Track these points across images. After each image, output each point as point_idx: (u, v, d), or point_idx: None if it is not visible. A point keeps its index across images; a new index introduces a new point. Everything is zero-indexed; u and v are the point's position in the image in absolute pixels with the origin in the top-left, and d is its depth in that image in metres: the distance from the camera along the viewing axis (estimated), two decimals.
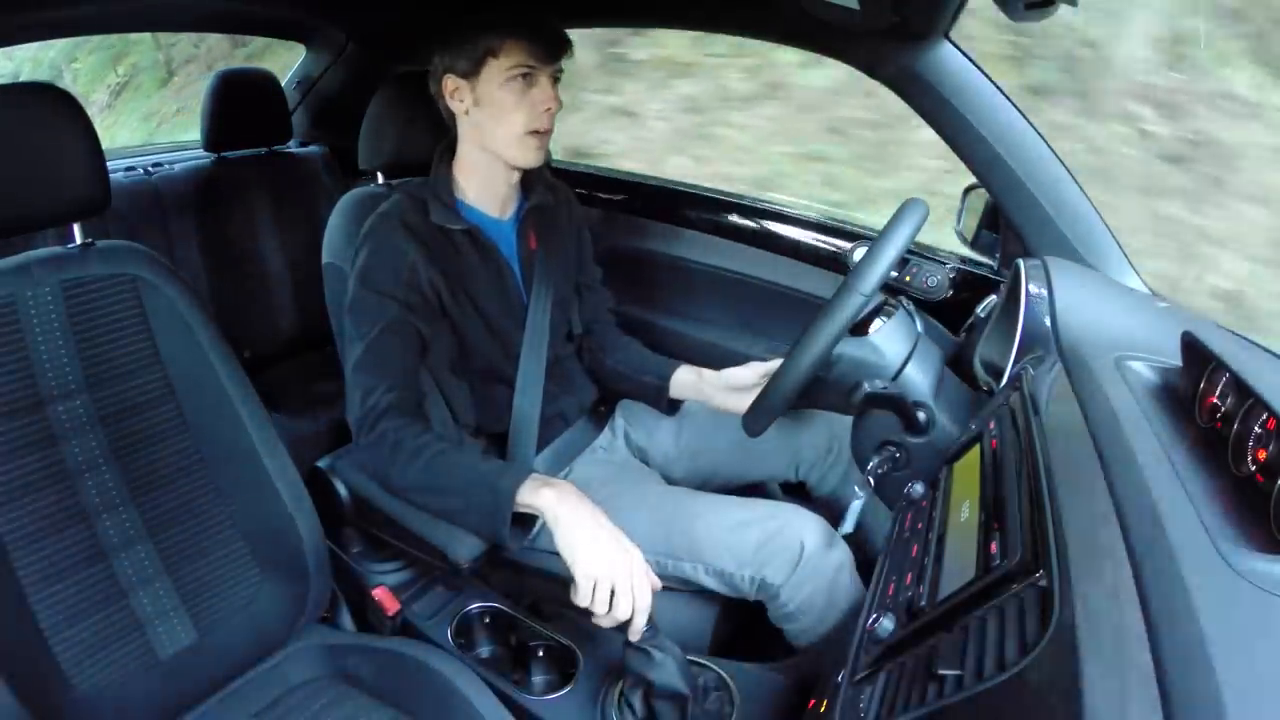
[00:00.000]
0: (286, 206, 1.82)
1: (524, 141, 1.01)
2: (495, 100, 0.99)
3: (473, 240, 1.04)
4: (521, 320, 1.09)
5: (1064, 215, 1.04)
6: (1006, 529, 0.55)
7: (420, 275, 0.98)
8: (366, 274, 0.98)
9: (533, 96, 0.99)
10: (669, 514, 1.01)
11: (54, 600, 0.80)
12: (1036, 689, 0.41)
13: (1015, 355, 0.88)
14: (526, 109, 0.99)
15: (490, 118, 1.00)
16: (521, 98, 0.98)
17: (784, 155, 3.53)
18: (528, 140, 1.01)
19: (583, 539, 0.80)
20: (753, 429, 0.94)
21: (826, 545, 0.95)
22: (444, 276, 1.01)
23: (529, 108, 0.99)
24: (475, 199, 1.07)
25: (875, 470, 0.94)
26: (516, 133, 1.00)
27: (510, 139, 1.00)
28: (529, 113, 0.99)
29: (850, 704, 0.57)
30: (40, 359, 0.81)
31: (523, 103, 0.98)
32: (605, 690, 0.89)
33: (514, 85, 0.98)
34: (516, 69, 0.97)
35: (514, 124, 0.99)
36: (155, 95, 7.03)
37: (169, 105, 6.77)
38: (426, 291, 0.99)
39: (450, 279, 1.01)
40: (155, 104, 6.94)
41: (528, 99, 0.98)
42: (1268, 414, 0.53)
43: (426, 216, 1.01)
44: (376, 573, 1.15)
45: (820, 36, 1.16)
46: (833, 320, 0.86)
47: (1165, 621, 0.41)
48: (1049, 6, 0.77)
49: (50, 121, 0.80)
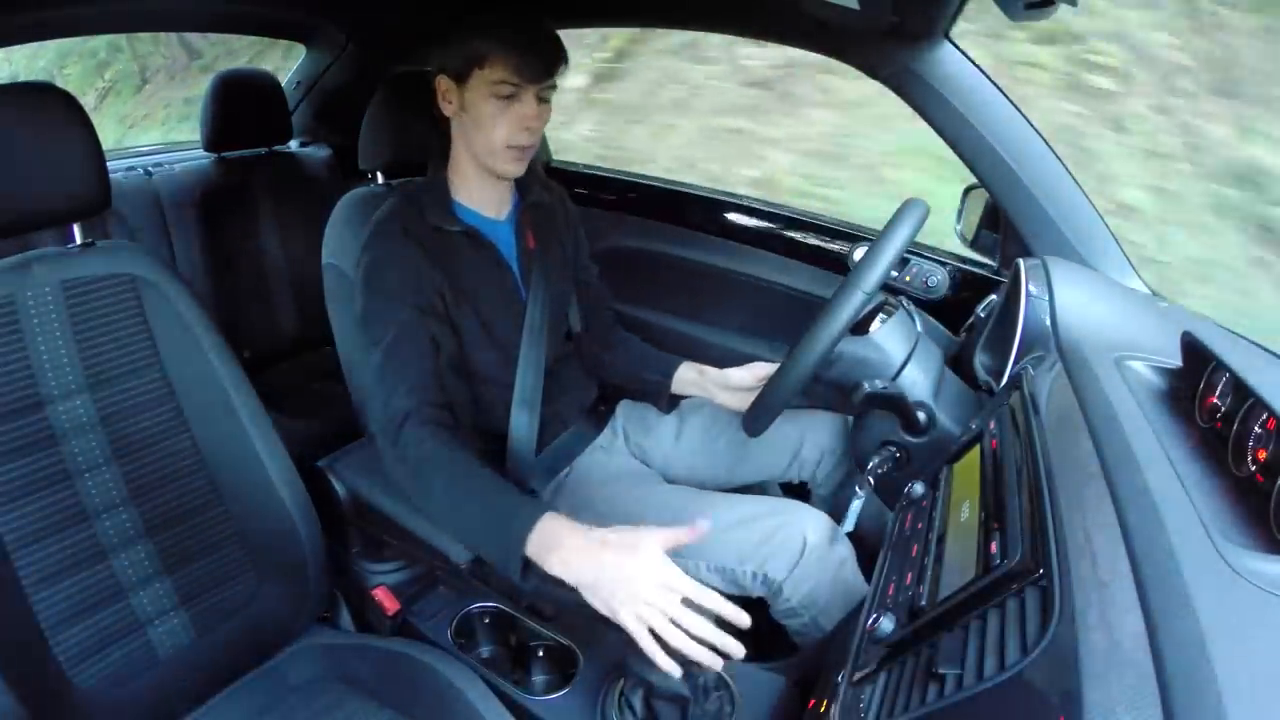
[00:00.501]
0: (286, 206, 1.82)
1: (504, 154, 0.99)
2: (478, 110, 0.97)
3: (471, 241, 1.04)
4: (521, 320, 1.08)
5: (1064, 215, 1.04)
6: (1006, 529, 0.55)
7: (425, 277, 0.98)
8: (372, 281, 0.97)
9: (514, 112, 0.96)
10: (670, 512, 1.01)
11: (54, 600, 0.80)
12: (1036, 689, 0.41)
13: (1015, 355, 0.88)
14: (507, 124, 0.96)
15: (473, 125, 0.98)
16: (503, 113, 0.96)
17: None
18: (507, 153, 0.99)
19: (612, 593, 0.73)
20: (753, 429, 0.94)
21: (829, 540, 0.95)
22: (445, 277, 1.00)
23: (510, 123, 0.96)
24: (470, 200, 1.06)
25: (875, 470, 0.94)
26: (496, 145, 0.98)
27: (490, 150, 0.99)
28: (509, 128, 0.97)
29: (850, 704, 0.57)
30: (40, 359, 0.81)
31: (503, 118, 0.96)
32: (605, 690, 0.89)
33: (496, 101, 0.95)
34: (501, 84, 0.94)
35: (494, 137, 0.97)
36: (131, 100, 7.64)
37: (140, 110, 7.43)
38: (431, 293, 0.98)
39: (451, 280, 1.01)
40: (130, 108, 7.53)
41: (509, 114, 0.96)
42: (1268, 414, 0.53)
43: (424, 219, 1.00)
44: (376, 573, 1.15)
45: (820, 36, 1.16)
46: (835, 318, 0.86)
47: (1165, 621, 0.41)
48: (1049, 6, 0.78)
49: (50, 121, 0.80)
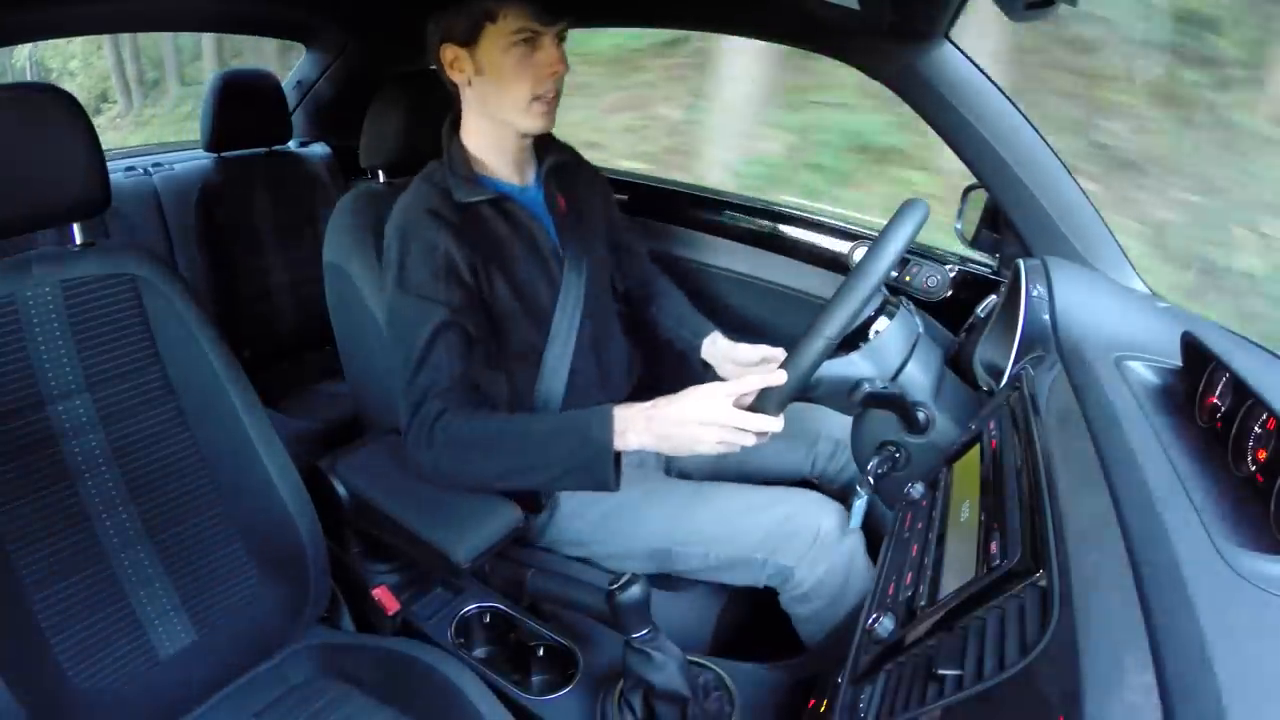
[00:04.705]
0: (287, 206, 1.82)
1: (531, 108, 0.96)
2: (498, 67, 0.93)
3: (501, 210, 1.00)
4: (558, 288, 1.05)
5: (1064, 215, 1.04)
6: (1006, 529, 0.55)
7: (458, 263, 0.94)
8: (403, 278, 0.93)
9: (536, 60, 0.93)
10: (679, 502, 1.01)
11: (54, 600, 0.80)
12: (1036, 689, 0.41)
13: (1015, 355, 0.88)
14: (531, 75, 0.93)
15: (494, 86, 0.95)
16: (524, 63, 0.92)
17: None
18: (535, 107, 0.96)
19: (681, 445, 0.85)
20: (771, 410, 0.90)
21: (841, 529, 0.95)
22: (478, 253, 0.97)
23: (533, 73, 0.93)
24: (493, 169, 1.03)
25: (875, 470, 0.94)
26: (522, 101, 0.95)
27: (517, 107, 0.95)
28: (534, 78, 0.93)
29: (850, 704, 0.57)
30: (40, 359, 0.81)
31: (526, 68, 0.93)
32: (605, 690, 0.89)
33: (516, 50, 0.92)
34: (518, 34, 0.91)
35: (519, 92, 0.94)
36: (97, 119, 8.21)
37: (100, 121, 7.87)
38: (467, 279, 0.95)
39: (485, 254, 0.97)
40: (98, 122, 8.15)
41: (531, 64, 0.93)
42: (1268, 414, 0.53)
43: (449, 198, 0.97)
44: (376, 573, 1.15)
45: (820, 36, 1.16)
46: (862, 282, 0.82)
47: (1165, 621, 0.41)
48: (1049, 6, 0.78)
49: (50, 121, 0.79)
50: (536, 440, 0.90)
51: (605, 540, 1.05)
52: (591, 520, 1.06)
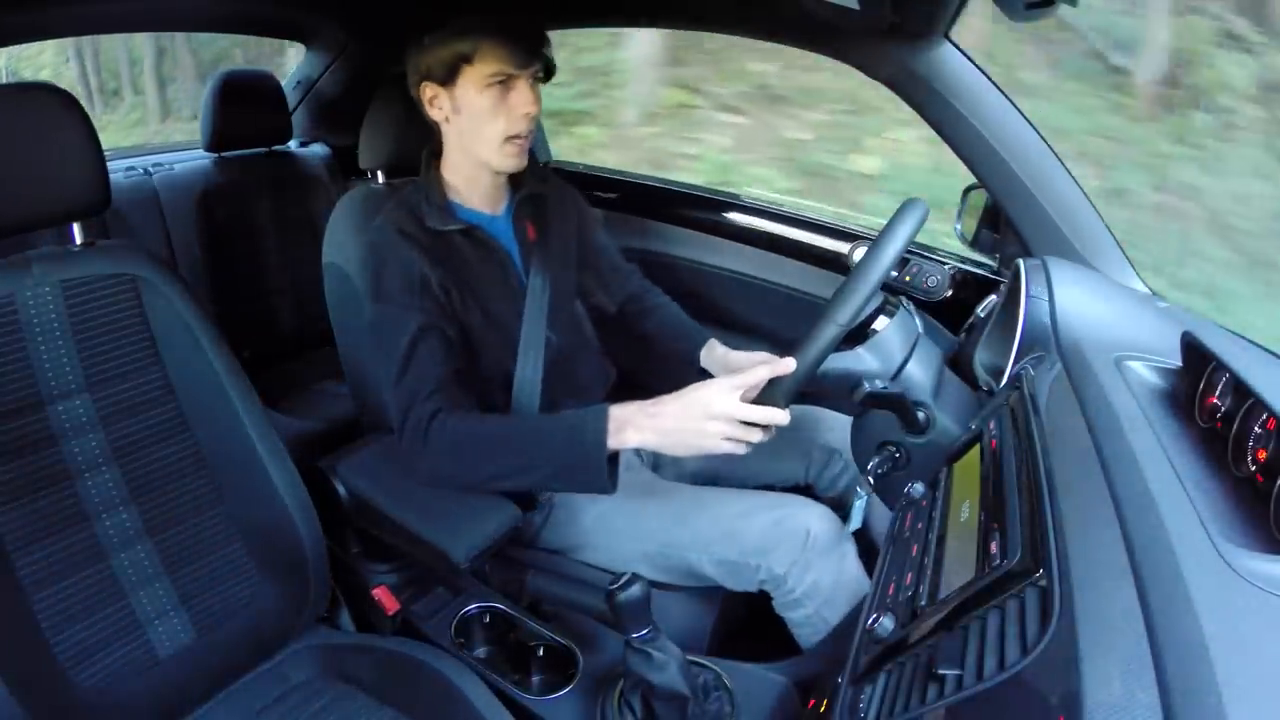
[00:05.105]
0: (286, 206, 1.82)
1: (504, 147, 0.99)
2: (472, 107, 0.97)
3: (470, 239, 1.03)
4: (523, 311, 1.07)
5: (1064, 215, 1.04)
6: (1006, 529, 0.55)
7: (430, 279, 0.97)
8: (380, 290, 0.96)
9: (511, 102, 0.96)
10: (673, 507, 1.02)
11: (54, 600, 0.80)
12: (1036, 689, 0.41)
13: (1015, 355, 0.88)
14: (504, 115, 0.97)
15: (470, 125, 0.98)
16: (500, 104, 0.96)
17: None
18: (507, 147, 0.99)
19: (686, 442, 0.84)
20: (779, 402, 0.90)
21: (832, 532, 0.96)
22: (448, 276, 0.99)
23: (507, 114, 0.97)
24: (467, 199, 1.06)
25: (875, 470, 0.94)
26: (496, 140, 0.98)
27: (490, 146, 0.99)
28: (507, 119, 0.97)
29: (850, 704, 0.57)
30: (40, 359, 0.81)
31: (500, 109, 0.96)
32: (605, 690, 0.89)
33: (491, 92, 0.95)
34: (494, 76, 0.94)
35: (493, 131, 0.97)
36: None
37: None
38: (438, 295, 0.98)
39: (454, 278, 1.00)
40: None
41: (505, 105, 0.96)
42: (1268, 414, 0.53)
43: (421, 222, 1.00)
44: (376, 573, 1.15)
45: (820, 36, 1.16)
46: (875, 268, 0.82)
47: (1165, 621, 0.41)
48: (1049, 6, 0.78)
49: (50, 121, 0.79)
50: (531, 438, 0.91)
51: (598, 546, 1.06)
52: (584, 525, 1.06)
